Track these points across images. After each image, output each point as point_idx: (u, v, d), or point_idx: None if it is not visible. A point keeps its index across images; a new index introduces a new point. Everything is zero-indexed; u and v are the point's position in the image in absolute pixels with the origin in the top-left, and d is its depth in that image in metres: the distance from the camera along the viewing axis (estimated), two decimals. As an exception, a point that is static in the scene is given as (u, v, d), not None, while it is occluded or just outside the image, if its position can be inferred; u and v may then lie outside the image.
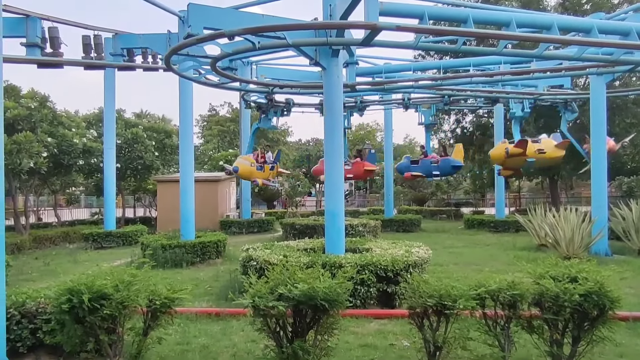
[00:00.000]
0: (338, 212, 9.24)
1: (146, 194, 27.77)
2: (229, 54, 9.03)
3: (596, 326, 4.88)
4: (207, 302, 8.63)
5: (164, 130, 26.20)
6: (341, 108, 9.36)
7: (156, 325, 4.99)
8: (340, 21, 7.85)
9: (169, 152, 25.72)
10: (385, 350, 6.07)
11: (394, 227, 21.97)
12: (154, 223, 23.79)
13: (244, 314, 6.46)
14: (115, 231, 17.78)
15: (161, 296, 4.84)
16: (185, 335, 6.68)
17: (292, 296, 4.52)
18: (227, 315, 7.54)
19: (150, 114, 50.33)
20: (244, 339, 6.47)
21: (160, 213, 22.73)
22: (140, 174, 23.95)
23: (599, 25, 8.26)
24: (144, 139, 23.25)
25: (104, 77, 17.41)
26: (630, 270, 10.26)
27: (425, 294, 4.83)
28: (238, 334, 6.70)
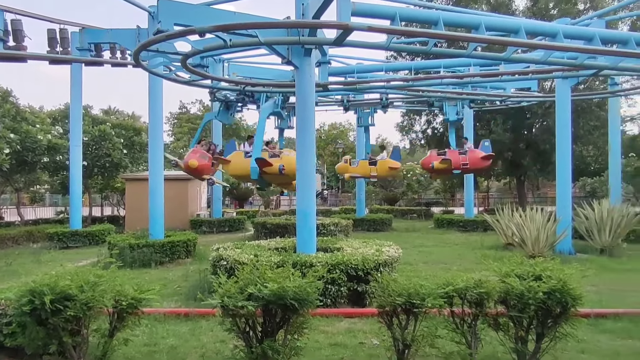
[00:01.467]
0: (310, 211, 9.25)
1: (114, 193, 27.19)
2: (199, 51, 8.91)
3: (559, 323, 5.01)
4: (175, 302, 8.52)
5: (133, 128, 25.69)
6: (313, 107, 9.36)
7: (122, 326, 4.89)
8: (312, 20, 7.86)
9: (138, 150, 25.24)
10: (354, 349, 6.11)
11: (365, 227, 22.12)
12: (122, 222, 23.33)
13: (213, 314, 6.39)
14: (81, 230, 17.35)
15: (128, 297, 4.74)
16: (153, 336, 6.57)
17: (261, 296, 4.49)
18: (196, 315, 7.46)
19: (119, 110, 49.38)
20: (213, 339, 6.41)
21: (129, 212, 22.30)
22: (108, 172, 23.43)
23: (564, 30, 8.50)
24: (112, 136, 22.75)
25: (71, 72, 16.96)
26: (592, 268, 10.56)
27: (394, 293, 4.87)
28: (207, 335, 6.63)
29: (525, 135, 28.72)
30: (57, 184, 25.50)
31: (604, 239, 14.27)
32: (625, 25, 26.96)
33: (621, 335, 6.66)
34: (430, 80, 14.53)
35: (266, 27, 7.88)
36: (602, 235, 14.37)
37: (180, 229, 17.28)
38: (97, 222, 22.49)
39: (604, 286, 9.63)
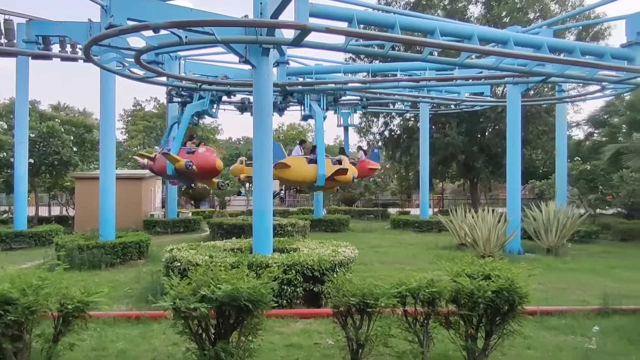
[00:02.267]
0: (266, 211, 9.20)
1: (63, 192, 26.19)
2: (154, 47, 8.69)
3: (507, 320, 5.16)
4: (126, 305, 8.28)
5: (84, 125, 24.88)
6: (271, 107, 9.33)
7: (68, 330, 4.69)
8: (270, 20, 7.83)
9: (89, 148, 24.45)
10: (309, 350, 6.11)
11: (322, 227, 22.19)
12: (71, 222, 22.48)
13: (165, 316, 6.26)
14: (26, 231, 16.59)
15: (74, 300, 4.56)
16: (102, 340, 6.35)
17: (215, 297, 4.42)
18: (147, 318, 7.27)
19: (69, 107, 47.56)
20: (165, 342, 6.26)
21: (79, 212, 21.51)
22: (57, 170, 22.56)
23: (514, 38, 8.82)
24: (61, 133, 21.92)
25: (16, 65, 16.19)
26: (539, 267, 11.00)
27: (348, 293, 4.91)
28: (159, 338, 6.47)
29: (478, 138, 29.58)
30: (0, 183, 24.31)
31: (551, 239, 14.88)
32: (571, 35, 28.23)
33: (564, 331, 6.94)
34: (387, 82, 14.75)
35: (223, 25, 7.78)
36: (548, 235, 14.97)
37: (133, 230, 16.81)
38: (44, 223, 21.58)
39: (549, 284, 10.04)
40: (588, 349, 5.48)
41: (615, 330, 6.91)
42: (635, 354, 6.04)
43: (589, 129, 30.03)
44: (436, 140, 27.70)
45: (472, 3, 30.79)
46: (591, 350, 5.45)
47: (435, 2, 30.29)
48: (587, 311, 7.85)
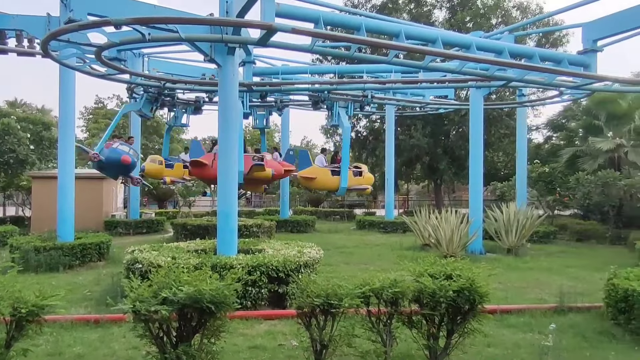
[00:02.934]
0: (231, 212, 9.13)
1: (19, 191, 25.24)
2: (116, 44, 8.49)
3: (467, 319, 5.28)
4: (85, 308, 8.04)
5: (42, 122, 24.02)
6: (236, 106, 9.26)
7: (21, 336, 4.51)
8: (236, 19, 7.76)
9: (47, 146, 23.60)
10: (273, 351, 6.09)
11: (288, 228, 22.12)
12: (27, 223, 21.67)
13: (125, 320, 6.11)
14: (-21, 232, 15.94)
15: (28, 303, 4.39)
16: (58, 345, 6.15)
17: (177, 299, 4.34)
18: (107, 321, 7.09)
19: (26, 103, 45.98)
20: (124, 346, 6.12)
21: (35, 212, 20.75)
22: (12, 168, 21.68)
23: (477, 43, 9.02)
24: (17, 130, 21.11)
25: (-31, 60, 15.55)
26: (499, 267, 11.35)
27: (313, 294, 4.91)
28: (119, 341, 6.32)
29: (442, 141, 30.16)
30: (-49, 182, 23.28)
31: (511, 240, 15.28)
32: (532, 41, 29.11)
33: (523, 329, 7.15)
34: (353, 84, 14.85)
35: (188, 23, 7.67)
36: (509, 236, 15.36)
37: (94, 231, 16.36)
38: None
39: (509, 284, 10.32)
40: (545, 346, 5.64)
41: (571, 327, 7.16)
42: (589, 350, 6.28)
43: (548, 132, 31.03)
44: (402, 142, 28.08)
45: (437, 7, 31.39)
46: (547, 347, 5.61)
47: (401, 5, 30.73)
48: (544, 309, 8.11)
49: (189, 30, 7.91)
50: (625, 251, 15.83)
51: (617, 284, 7.22)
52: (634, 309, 6.78)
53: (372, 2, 30.79)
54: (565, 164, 22.12)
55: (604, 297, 7.63)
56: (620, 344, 6.53)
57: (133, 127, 21.40)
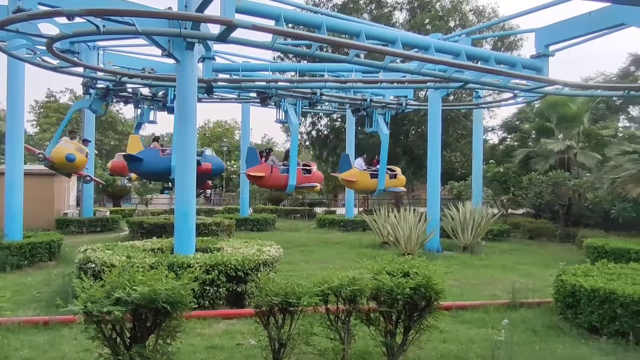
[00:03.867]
0: (189, 210, 8.97)
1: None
2: (68, 35, 8.19)
3: (424, 316, 5.37)
4: (34, 310, 7.73)
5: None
6: (194, 102, 9.08)
7: (-37, 339, 4.31)
8: (195, 14, 7.62)
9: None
10: (231, 351, 6.02)
11: (249, 226, 21.98)
12: (-28, 221, 20.65)
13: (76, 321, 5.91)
14: None
15: (-29, 306, 4.20)
16: (3, 348, 5.88)
17: (130, 300, 4.23)
18: (57, 323, 6.83)
19: (-29, 95, 43.82)
20: (76, 348, 5.91)
21: (-19, 210, 19.82)
22: (-45, 164, 20.63)
23: (435, 45, 9.20)
24: (-39, 123, 20.07)
25: None
26: (455, 264, 11.62)
27: (271, 293, 4.88)
28: (69, 344, 6.10)
29: (402, 140, 30.60)
30: None
31: (467, 238, 15.68)
32: (488, 44, 29.93)
33: (477, 324, 7.35)
34: (313, 83, 14.85)
35: (144, 16, 7.47)
36: (465, 234, 15.76)
37: (44, 229, 15.73)
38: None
39: (465, 280, 10.58)
40: (497, 341, 5.81)
41: (522, 322, 7.41)
42: (539, 344, 6.51)
43: (503, 133, 31.96)
44: (362, 140, 28.31)
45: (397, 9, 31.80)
46: (500, 342, 5.78)
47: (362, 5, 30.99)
48: (497, 305, 8.34)
49: (146, 23, 7.71)
50: (574, 248, 16.52)
51: (566, 280, 7.51)
52: (581, 304, 7.08)
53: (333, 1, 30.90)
54: (519, 165, 22.85)
55: (553, 293, 7.90)
56: (568, 338, 6.81)
57: (87, 123, 20.68)
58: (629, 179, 15.99)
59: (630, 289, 6.60)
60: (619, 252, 11.97)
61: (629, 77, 24.16)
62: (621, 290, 6.61)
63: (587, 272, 7.85)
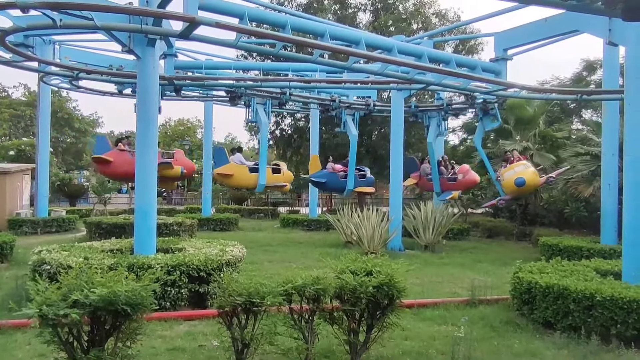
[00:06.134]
0: (149, 209, 8.81)
1: None
2: (22, 28, 7.89)
3: (386, 314, 5.46)
4: (-16, 314, 7.41)
5: None
6: (156, 99, 8.91)
7: None
8: (157, 9, 7.46)
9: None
10: (193, 352, 5.95)
11: (211, 226, 21.70)
12: None
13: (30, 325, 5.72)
14: None
15: None
16: (-50, 355, 5.64)
17: (88, 302, 4.12)
18: (9, 328, 6.57)
19: None
20: (30, 353, 5.71)
21: None
22: None
23: (399, 47, 9.35)
24: None
25: None
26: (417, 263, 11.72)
27: (234, 293, 4.85)
28: (22, 349, 5.88)
29: (365, 140, 30.86)
30: None
31: (428, 237, 15.97)
32: (449, 47, 30.54)
33: (438, 321, 7.50)
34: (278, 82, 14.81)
35: (103, 11, 7.28)
36: (426, 233, 16.04)
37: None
38: None
39: (426, 278, 10.77)
40: (457, 337, 5.95)
41: (481, 319, 7.60)
42: (497, 339, 6.70)
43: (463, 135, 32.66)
44: (326, 140, 28.43)
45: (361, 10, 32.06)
46: (460, 338, 5.92)
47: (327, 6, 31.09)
48: (457, 302, 8.53)
49: (105, 18, 7.51)
50: (530, 246, 17.07)
51: (522, 277, 7.75)
52: (536, 300, 7.33)
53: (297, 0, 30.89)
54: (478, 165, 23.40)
55: (510, 290, 8.13)
56: (524, 333, 7.04)
57: (42, 119, 19.96)
58: (581, 179, 16.66)
59: (582, 285, 6.88)
60: (572, 250, 12.46)
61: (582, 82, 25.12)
62: (574, 286, 6.88)
63: (542, 270, 8.13)
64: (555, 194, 18.26)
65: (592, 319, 6.57)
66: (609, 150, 13.08)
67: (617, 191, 12.57)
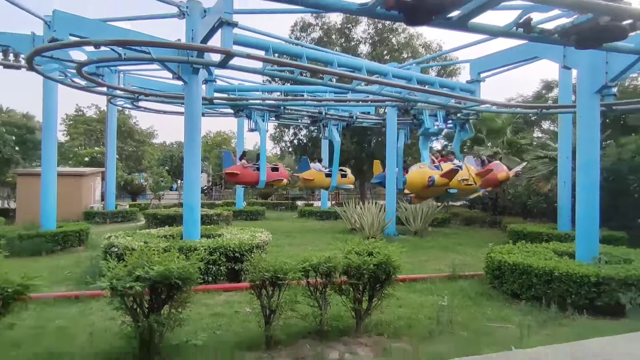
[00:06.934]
0: (195, 204, 8.86)
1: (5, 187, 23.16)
2: (94, 61, 8.00)
3: (384, 287, 5.44)
4: (67, 287, 7.53)
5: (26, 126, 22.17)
6: (199, 117, 8.97)
7: (8, 312, 4.16)
8: (200, 44, 7.53)
9: (31, 147, 21.83)
10: (231, 317, 5.99)
11: (243, 217, 21.74)
12: (12, 214, 19.94)
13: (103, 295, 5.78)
14: (-34, 222, 14.47)
15: (14, 284, 4.06)
16: (41, 319, 5.72)
17: (149, 277, 4.18)
18: (86, 297, 6.66)
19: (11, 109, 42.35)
20: (102, 317, 5.78)
21: (21, 205, 19.14)
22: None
23: (393, 72, 9.31)
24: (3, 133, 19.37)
25: (-43, 70, 14.07)
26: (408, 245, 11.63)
27: (263, 269, 4.87)
28: (97, 314, 5.97)
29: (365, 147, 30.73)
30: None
31: (417, 224, 15.86)
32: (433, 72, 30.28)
33: (425, 293, 7.45)
34: (296, 101, 14.82)
35: (158, 46, 7.35)
36: (415, 221, 15.94)
37: (74, 220, 15.33)
38: (-16, 215, 18.91)
39: (415, 258, 10.67)
40: (441, 305, 5.92)
41: (460, 291, 7.54)
42: (473, 307, 6.65)
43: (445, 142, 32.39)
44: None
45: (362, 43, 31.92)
46: (443, 306, 5.90)
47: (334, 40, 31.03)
48: (441, 277, 8.46)
49: (160, 52, 7.59)
50: (500, 232, 16.85)
51: (493, 257, 7.69)
52: (505, 275, 7.27)
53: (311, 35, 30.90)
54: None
55: (484, 267, 8.07)
56: (496, 302, 6.98)
57: (109, 132, 20.22)
58: (541, 177, 16.44)
59: (542, 263, 6.81)
60: (534, 235, 12.31)
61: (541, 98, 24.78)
62: (536, 264, 6.81)
63: (510, 251, 8.06)
64: (520, 190, 18.02)
65: (551, 290, 6.50)
66: (564, 154, 12.89)
67: (571, 187, 12.40)
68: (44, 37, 10.23)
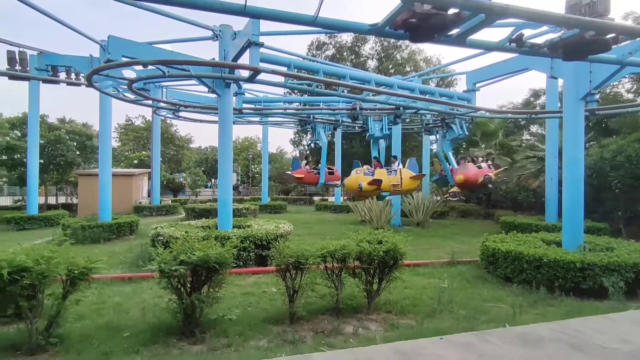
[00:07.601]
0: (227, 199, 8.96)
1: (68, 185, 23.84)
2: (142, 78, 8.16)
3: (392, 271, 5.42)
4: (121, 269, 7.72)
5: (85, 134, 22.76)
6: (231, 124, 9.05)
7: (74, 290, 4.29)
8: (231, 63, 7.60)
9: (90, 152, 22.42)
10: (259, 296, 6.05)
11: (268, 210, 21.89)
12: (74, 209, 20.52)
13: (152, 277, 5.92)
14: (37, 215, 14.94)
15: (79, 266, 4.19)
16: (101, 296, 5.89)
17: (191, 261, 4.26)
18: (138, 278, 6.83)
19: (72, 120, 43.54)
20: (152, 295, 5.92)
21: (82, 201, 19.67)
22: (62, 168, 20.50)
23: (398, 83, 9.23)
24: (66, 140, 19.93)
25: (29, 88, 14.54)
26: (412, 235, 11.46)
27: (287, 255, 4.91)
28: (147, 293, 6.11)
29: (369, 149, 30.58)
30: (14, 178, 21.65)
31: (419, 217, 15.71)
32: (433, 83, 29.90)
33: (428, 276, 7.39)
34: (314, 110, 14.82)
35: (196, 64, 7.46)
36: (418, 214, 15.78)
37: (126, 213, 15.67)
38: (52, 209, 19.52)
39: (418, 246, 10.56)
40: (442, 287, 5.87)
41: (459, 275, 7.46)
42: (470, 289, 6.56)
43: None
44: (346, 150, 28.30)
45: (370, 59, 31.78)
46: (444, 288, 5.84)
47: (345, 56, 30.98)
48: (441, 263, 8.39)
49: (197, 69, 7.69)
50: (493, 223, 16.57)
51: (488, 245, 7.57)
52: (499, 261, 7.15)
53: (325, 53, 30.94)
54: (456, 166, 22.78)
55: (479, 254, 7.95)
56: (490, 284, 6.88)
57: (154, 138, 20.59)
58: (530, 175, 16.10)
59: (532, 251, 6.68)
60: (524, 226, 12.07)
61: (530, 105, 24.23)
62: (526, 251, 6.68)
63: (503, 240, 7.92)
64: (511, 186, 17.65)
65: (540, 275, 6.37)
66: (552, 153, 12.58)
67: (557, 183, 12.10)
68: (100, 58, 10.50)
